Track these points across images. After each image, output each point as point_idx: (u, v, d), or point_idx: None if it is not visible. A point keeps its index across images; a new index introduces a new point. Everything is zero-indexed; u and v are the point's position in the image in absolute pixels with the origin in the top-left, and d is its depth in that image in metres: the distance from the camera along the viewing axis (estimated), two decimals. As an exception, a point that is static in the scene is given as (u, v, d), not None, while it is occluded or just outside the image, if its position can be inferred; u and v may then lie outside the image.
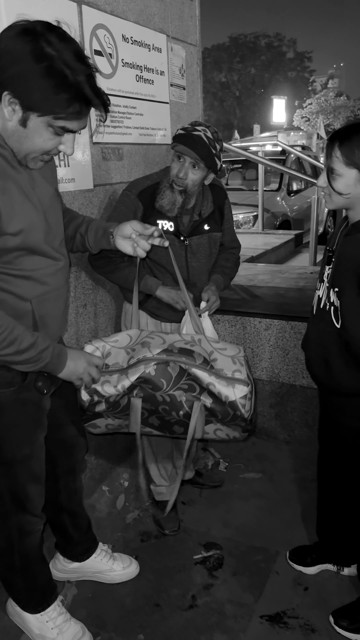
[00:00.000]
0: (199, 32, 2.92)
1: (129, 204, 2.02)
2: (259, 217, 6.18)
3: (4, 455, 1.46)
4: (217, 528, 2.30)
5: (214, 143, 1.92)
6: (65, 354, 1.42)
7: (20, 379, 1.41)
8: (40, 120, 1.18)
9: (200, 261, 2.11)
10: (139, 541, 2.24)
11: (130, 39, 2.33)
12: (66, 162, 2.03)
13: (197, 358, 1.54)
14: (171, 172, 1.97)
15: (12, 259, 1.30)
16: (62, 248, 1.48)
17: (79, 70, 1.15)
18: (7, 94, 1.15)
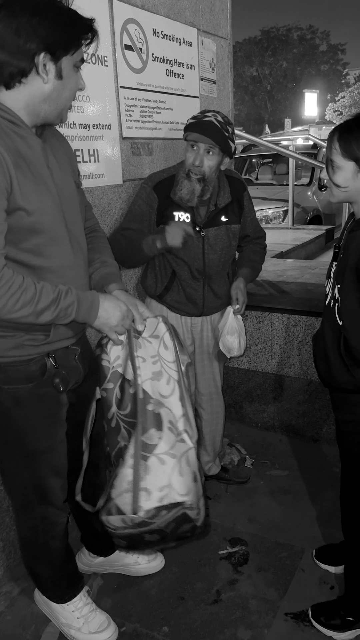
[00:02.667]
0: (230, 25, 2.90)
1: (144, 197, 2.04)
2: (289, 212, 6.10)
3: (25, 447, 1.48)
4: (243, 523, 2.29)
5: (225, 126, 1.92)
6: (97, 305, 1.37)
7: (39, 374, 1.42)
8: (70, 61, 1.28)
9: (217, 253, 2.10)
10: (164, 534, 2.25)
11: (160, 33, 2.33)
12: (96, 157, 2.04)
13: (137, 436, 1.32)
14: (187, 162, 1.97)
15: (31, 246, 1.30)
16: (82, 241, 1.49)
17: (65, 4, 1.30)
18: (39, 58, 1.23)
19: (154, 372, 1.38)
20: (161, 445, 1.31)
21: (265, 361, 2.77)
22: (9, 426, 1.45)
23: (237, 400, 2.93)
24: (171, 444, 1.31)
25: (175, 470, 1.30)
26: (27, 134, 1.28)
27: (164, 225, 1.99)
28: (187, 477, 1.31)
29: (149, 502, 1.28)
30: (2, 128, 1.23)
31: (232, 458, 2.67)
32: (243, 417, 2.94)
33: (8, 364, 1.38)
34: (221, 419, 2.43)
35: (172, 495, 1.29)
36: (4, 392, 1.41)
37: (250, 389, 2.87)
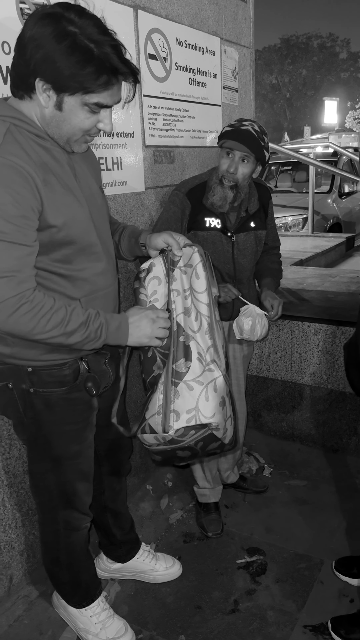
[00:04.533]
0: (252, 34, 2.91)
1: (178, 203, 2.06)
2: (309, 219, 6.08)
3: (53, 452, 1.49)
4: (260, 533, 2.27)
5: (261, 135, 1.95)
6: (125, 324, 1.39)
7: (72, 378, 1.43)
8: (74, 99, 1.20)
9: (247, 257, 2.13)
10: (181, 542, 2.25)
11: (184, 42, 2.35)
12: (119, 165, 2.06)
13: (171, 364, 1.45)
14: (220, 168, 1.98)
15: (61, 256, 1.32)
16: (110, 246, 1.51)
17: (103, 42, 1.16)
18: (39, 81, 1.18)
19: (186, 307, 1.48)
20: (189, 374, 1.43)
21: (284, 369, 2.76)
22: (40, 429, 1.47)
23: (256, 408, 2.91)
24: (199, 373, 1.44)
25: (202, 396, 1.42)
26: (51, 145, 1.29)
27: (195, 231, 2.05)
28: (213, 401, 1.43)
29: (177, 422, 1.40)
30: (29, 143, 1.23)
31: (251, 467, 2.65)
32: (261, 426, 2.92)
33: (42, 367, 1.40)
34: (243, 424, 2.42)
35: (198, 417, 1.41)
36: (37, 396, 1.42)
37: (269, 397, 2.85)
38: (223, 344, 1.52)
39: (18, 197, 1.18)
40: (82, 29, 1.15)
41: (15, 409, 1.46)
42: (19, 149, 1.20)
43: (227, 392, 1.49)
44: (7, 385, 1.42)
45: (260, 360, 2.81)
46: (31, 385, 1.40)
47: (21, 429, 1.52)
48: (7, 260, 1.19)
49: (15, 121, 1.22)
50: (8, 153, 1.17)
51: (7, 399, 1.46)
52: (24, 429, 1.50)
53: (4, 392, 1.44)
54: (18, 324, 1.21)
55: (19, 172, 1.18)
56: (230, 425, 1.51)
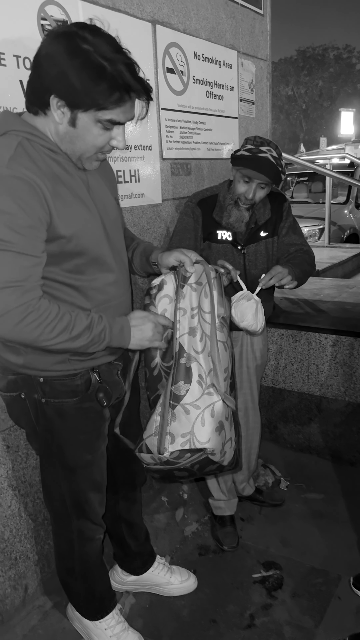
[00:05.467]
0: (269, 47, 2.93)
1: (190, 213, 2.08)
2: (326, 230, 6.06)
3: (66, 460, 1.50)
4: (277, 547, 2.25)
5: (279, 161, 1.94)
6: (128, 327, 1.40)
7: (84, 388, 1.44)
8: (87, 116, 1.21)
9: (258, 268, 2.12)
10: (196, 555, 2.23)
11: (201, 56, 2.37)
12: (137, 177, 2.09)
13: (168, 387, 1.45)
14: (237, 191, 1.99)
15: (72, 267, 1.33)
16: (123, 257, 1.51)
17: (116, 59, 1.17)
18: (54, 97, 1.20)
19: (191, 327, 1.47)
20: (187, 397, 1.42)
21: (301, 381, 2.74)
22: (53, 438, 1.48)
23: (272, 420, 2.89)
24: (197, 396, 1.43)
25: (198, 420, 1.42)
26: (63, 159, 1.30)
27: (210, 242, 2.05)
28: (209, 426, 1.42)
29: (172, 445, 1.41)
30: (40, 155, 1.25)
31: (267, 480, 2.63)
32: (277, 438, 2.90)
33: (54, 377, 1.41)
34: (257, 435, 2.40)
35: (193, 442, 1.41)
36: (50, 406, 1.43)
37: (285, 409, 2.83)
38: (227, 367, 1.50)
39: (26, 207, 1.19)
40: (95, 47, 1.16)
41: (28, 419, 1.48)
42: (29, 161, 1.22)
43: (226, 416, 1.47)
44: (20, 396, 1.44)
45: (276, 371, 2.80)
46: (43, 395, 1.42)
47: (34, 438, 1.54)
48: (14, 270, 1.20)
49: (28, 135, 1.25)
50: (17, 165, 1.19)
51: (20, 409, 1.47)
52: (37, 438, 1.51)
53: (17, 402, 1.46)
54: (24, 332, 1.23)
55: (28, 184, 1.20)
56: (231, 448, 1.50)
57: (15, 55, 1.58)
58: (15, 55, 1.58)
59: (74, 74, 1.16)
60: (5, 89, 1.56)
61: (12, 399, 1.47)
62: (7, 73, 1.56)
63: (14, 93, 1.58)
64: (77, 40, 1.17)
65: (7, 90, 1.57)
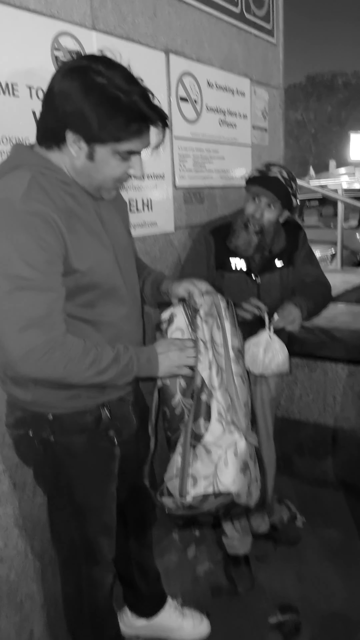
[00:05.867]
0: (282, 75, 2.93)
1: (202, 241, 2.05)
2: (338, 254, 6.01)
3: (76, 503, 1.43)
4: (294, 588, 2.14)
5: (290, 182, 1.92)
6: (155, 355, 1.36)
7: (94, 425, 1.39)
8: (105, 149, 1.20)
9: (272, 297, 2.05)
10: (209, 596, 2.14)
11: (214, 84, 2.36)
12: (149, 206, 2.06)
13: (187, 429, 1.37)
14: (246, 212, 1.96)
15: (85, 301, 1.30)
16: (135, 288, 1.47)
17: (131, 91, 1.16)
18: (70, 133, 1.18)
19: (209, 360, 1.39)
20: (208, 435, 1.33)
21: (317, 412, 2.66)
22: (61, 479, 1.42)
23: (287, 453, 2.80)
24: (218, 435, 1.33)
25: (221, 461, 1.32)
26: (77, 192, 1.28)
27: (223, 271, 2.00)
28: (233, 467, 1.32)
29: (195, 488, 1.31)
30: (54, 189, 1.22)
31: (282, 516, 2.53)
32: (293, 471, 2.81)
33: (63, 414, 1.36)
34: (272, 471, 2.32)
35: (217, 485, 1.31)
36: (58, 444, 1.38)
37: (301, 441, 2.75)
38: (247, 401, 1.42)
39: (43, 243, 1.17)
40: (110, 80, 1.15)
41: (35, 458, 1.42)
42: (44, 196, 1.19)
43: (250, 454, 1.38)
44: (27, 433, 1.38)
45: (291, 401, 2.72)
46: (52, 433, 1.36)
47: (42, 479, 1.47)
48: (37, 307, 1.17)
49: (41, 169, 1.22)
50: (32, 200, 1.17)
51: (27, 447, 1.41)
52: (45, 478, 1.45)
53: (24, 440, 1.40)
54: (52, 370, 1.20)
55: (43, 219, 1.17)
56: (257, 489, 1.41)
57: (29, 86, 1.57)
58: (29, 86, 1.57)
59: (90, 110, 1.15)
60: (18, 120, 1.54)
61: (20, 437, 1.41)
62: (20, 104, 1.55)
63: (27, 124, 1.56)
64: (91, 74, 1.15)
65: (20, 121, 1.55)
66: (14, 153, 1.28)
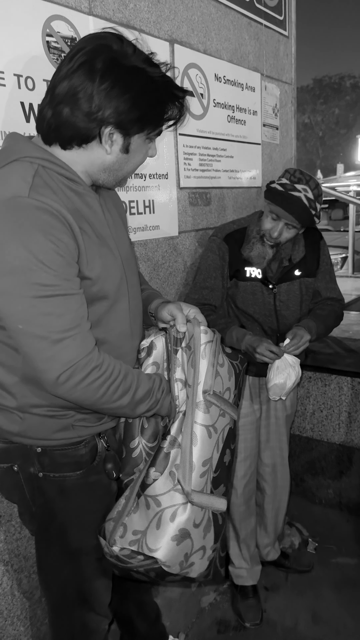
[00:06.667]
0: (294, 70, 2.76)
1: (215, 250, 1.89)
2: (350, 258, 5.83)
3: (69, 546, 1.26)
4: (306, 623, 1.97)
5: (314, 204, 1.75)
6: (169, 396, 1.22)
7: (89, 458, 1.22)
8: (142, 137, 1.13)
9: (291, 309, 1.90)
10: (215, 631, 1.97)
11: (222, 78, 2.20)
12: (151, 208, 1.89)
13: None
14: (263, 226, 1.81)
15: (93, 317, 1.13)
16: (139, 303, 1.31)
17: (159, 73, 1.09)
18: (107, 129, 1.07)
19: (183, 403, 1.21)
20: (153, 487, 1.15)
21: (331, 430, 2.48)
22: (52, 520, 1.24)
23: (298, 472, 2.63)
24: (162, 490, 1.15)
25: (154, 520, 1.13)
26: (85, 191, 1.12)
27: (237, 280, 1.86)
28: (164, 532, 1.12)
29: (122, 539, 1.14)
30: (59, 187, 1.07)
31: (293, 541, 2.36)
32: (304, 492, 2.63)
33: (55, 447, 1.19)
34: (286, 495, 2.16)
35: (142, 545, 1.13)
36: (49, 481, 1.21)
37: (313, 460, 2.57)
38: (210, 458, 1.17)
39: (60, 244, 1.01)
40: (140, 65, 1.06)
41: (21, 495, 1.25)
42: (51, 192, 1.04)
43: (197, 522, 1.15)
44: (12, 468, 1.21)
45: (304, 418, 2.55)
46: (41, 468, 1.19)
47: (29, 518, 1.30)
48: (67, 315, 1.02)
49: (43, 162, 1.06)
50: (40, 195, 1.01)
51: (13, 484, 1.24)
52: (32, 518, 1.28)
53: (9, 476, 1.23)
54: (87, 391, 1.05)
55: (56, 217, 1.02)
56: (202, 559, 1.17)
57: (17, 75, 1.41)
58: (17, 75, 1.41)
59: (131, 103, 1.06)
60: (5, 112, 1.39)
61: (3, 471, 1.24)
62: (7, 94, 1.39)
63: (15, 116, 1.41)
64: (124, 67, 1.05)
65: (6, 113, 1.39)
66: (10, 143, 1.11)
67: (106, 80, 1.03)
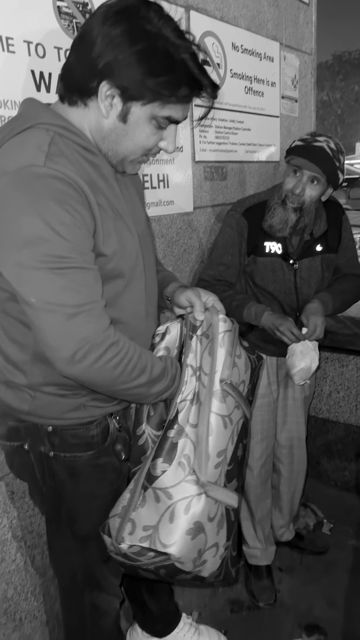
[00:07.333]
0: (315, 40, 2.66)
1: (234, 225, 1.83)
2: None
3: (78, 530, 1.24)
4: (321, 607, 1.96)
5: (337, 155, 1.68)
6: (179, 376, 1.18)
7: (101, 439, 1.19)
8: (144, 111, 1.01)
9: (312, 287, 1.84)
10: (228, 612, 1.96)
11: (240, 47, 2.12)
12: (165, 183, 1.84)
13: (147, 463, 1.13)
14: (284, 187, 1.73)
15: (108, 296, 1.08)
16: (154, 283, 1.27)
17: (182, 47, 0.98)
18: (105, 84, 0.98)
19: (195, 392, 1.15)
20: (162, 480, 1.09)
21: (348, 411, 2.44)
22: (62, 502, 1.22)
23: (314, 454, 2.60)
24: (173, 482, 1.10)
25: (166, 514, 1.08)
26: (100, 162, 1.07)
27: (255, 256, 1.80)
28: (177, 526, 1.07)
29: (131, 536, 1.08)
30: (75, 157, 1.01)
31: (307, 522, 2.34)
32: (320, 474, 2.60)
33: (65, 427, 1.16)
34: (302, 477, 2.13)
35: (154, 540, 1.07)
36: (59, 461, 1.18)
37: (329, 442, 2.54)
38: (224, 449, 1.14)
39: (77, 215, 0.97)
40: (160, 30, 0.97)
41: (32, 475, 1.23)
42: (67, 162, 0.98)
43: (211, 516, 1.12)
44: (22, 447, 1.19)
45: (320, 399, 2.51)
46: (51, 448, 1.17)
47: (39, 498, 1.29)
48: (83, 289, 0.97)
49: (60, 130, 1.01)
50: (56, 164, 0.96)
51: (23, 463, 1.23)
52: (42, 498, 1.26)
53: (19, 455, 1.21)
54: (103, 371, 1.00)
55: (72, 186, 0.97)
56: (215, 557, 1.14)
57: (27, 41, 1.36)
58: (27, 41, 1.36)
59: (135, 61, 0.96)
60: (14, 80, 1.34)
61: (13, 450, 1.22)
62: (17, 61, 1.34)
63: (24, 84, 1.36)
64: (140, 20, 0.96)
65: (16, 81, 1.35)
66: (26, 109, 1.06)
67: (116, 26, 0.95)
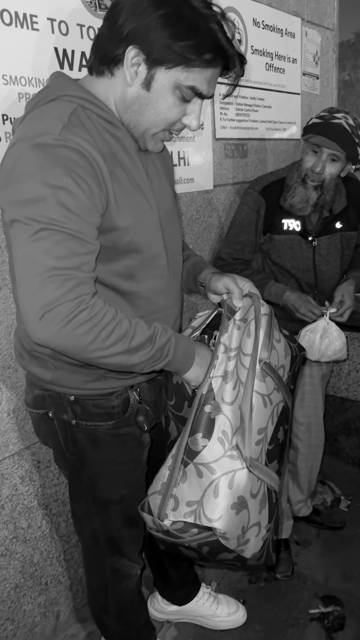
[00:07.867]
0: (337, 15, 2.62)
1: (251, 203, 1.83)
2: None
3: (98, 495, 1.29)
4: (337, 579, 1.99)
5: (356, 131, 1.67)
6: (192, 352, 1.15)
7: (121, 410, 1.22)
8: (167, 78, 1.01)
9: (331, 264, 1.84)
10: (246, 582, 2.01)
11: (261, 23, 2.11)
12: (186, 160, 1.85)
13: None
14: (304, 166, 1.72)
15: (123, 268, 1.11)
16: (178, 260, 1.28)
17: (209, 16, 0.99)
18: (131, 49, 0.99)
19: (227, 370, 1.15)
20: (203, 455, 1.10)
21: (366, 390, 2.45)
22: (83, 468, 1.27)
23: (332, 432, 2.61)
24: (216, 457, 1.10)
25: (210, 488, 1.08)
26: (123, 135, 1.08)
27: (272, 234, 1.80)
28: (223, 500, 1.08)
29: (174, 512, 1.08)
30: (97, 128, 1.03)
31: (325, 498, 2.36)
32: (338, 451, 2.62)
33: (87, 397, 1.19)
34: (320, 454, 2.15)
35: (199, 515, 1.07)
36: (81, 430, 1.22)
37: (347, 420, 2.55)
38: (264, 427, 1.15)
39: (82, 183, 0.97)
40: (199, 3, 0.99)
41: (56, 441, 1.28)
42: (85, 133, 1.00)
43: (254, 492, 1.13)
44: (47, 414, 1.24)
45: (339, 378, 2.52)
46: (74, 416, 1.21)
47: (62, 463, 1.33)
48: (66, 255, 0.95)
49: (84, 102, 1.03)
50: (72, 134, 0.97)
51: (48, 430, 1.27)
52: (66, 463, 1.31)
53: (45, 422, 1.26)
54: (73, 336, 0.96)
55: (84, 157, 0.98)
56: (257, 537, 1.13)
57: (50, 19, 1.38)
58: (50, 19, 1.38)
59: (160, 25, 0.97)
60: (37, 58, 1.36)
61: (39, 417, 1.27)
62: (40, 39, 1.36)
63: (48, 62, 1.38)
64: None
65: (41, 59, 1.37)
66: (54, 82, 1.08)
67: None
